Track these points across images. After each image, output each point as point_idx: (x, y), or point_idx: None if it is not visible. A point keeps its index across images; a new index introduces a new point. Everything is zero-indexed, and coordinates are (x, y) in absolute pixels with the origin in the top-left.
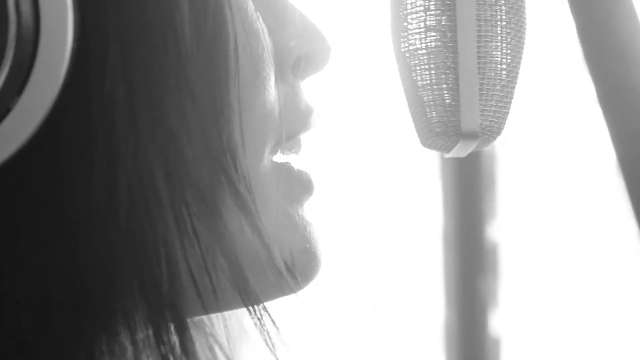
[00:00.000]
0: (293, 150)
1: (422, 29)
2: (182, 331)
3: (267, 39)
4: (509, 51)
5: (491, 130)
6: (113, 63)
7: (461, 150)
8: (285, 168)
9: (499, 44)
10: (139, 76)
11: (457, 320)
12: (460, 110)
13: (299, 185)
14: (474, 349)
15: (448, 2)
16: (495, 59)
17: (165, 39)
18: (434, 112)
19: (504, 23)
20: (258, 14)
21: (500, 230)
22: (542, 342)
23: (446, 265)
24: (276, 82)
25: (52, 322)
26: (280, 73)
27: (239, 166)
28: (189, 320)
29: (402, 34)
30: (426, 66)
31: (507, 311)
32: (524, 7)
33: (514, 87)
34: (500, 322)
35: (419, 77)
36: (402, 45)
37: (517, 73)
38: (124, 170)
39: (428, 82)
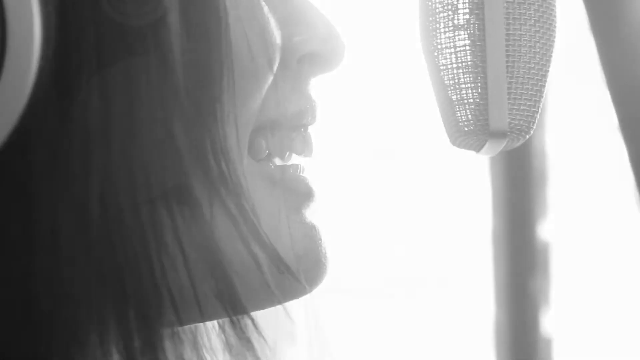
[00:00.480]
0: (304, 154)
1: (451, 28)
2: (154, 347)
3: (273, 32)
4: (538, 49)
5: (520, 129)
6: (88, 68)
7: (491, 149)
8: (278, 171)
9: (528, 42)
10: (116, 82)
11: (508, 319)
12: (488, 109)
13: (294, 190)
14: (525, 349)
15: (476, 1)
16: (525, 57)
17: (145, 40)
18: (462, 111)
19: (533, 21)
20: (263, 3)
21: (552, 229)
22: (594, 341)
23: (496, 264)
24: (276, 76)
25: (30, 331)
26: (283, 67)
27: (234, 175)
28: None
29: (430, 33)
30: (454, 65)
31: (558, 311)
32: (554, 5)
33: (544, 86)
34: (551, 321)
35: (447, 76)
36: (431, 44)
37: (546, 71)
38: (96, 180)
39: (456, 81)
